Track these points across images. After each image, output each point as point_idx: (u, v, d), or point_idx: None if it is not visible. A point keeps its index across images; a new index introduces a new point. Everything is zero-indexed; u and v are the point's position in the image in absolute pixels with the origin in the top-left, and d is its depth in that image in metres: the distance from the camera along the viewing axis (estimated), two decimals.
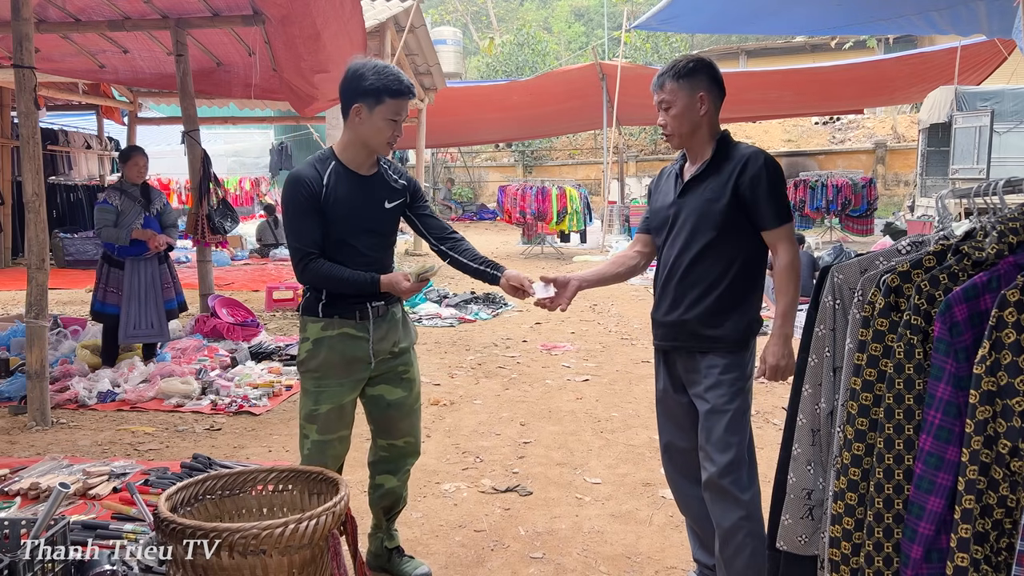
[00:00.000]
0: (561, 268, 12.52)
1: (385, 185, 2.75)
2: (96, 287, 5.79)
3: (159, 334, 5.89)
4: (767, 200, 2.47)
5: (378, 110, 2.58)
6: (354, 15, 6.62)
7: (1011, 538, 1.55)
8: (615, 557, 3.07)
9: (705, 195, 2.53)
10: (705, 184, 2.54)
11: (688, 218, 2.55)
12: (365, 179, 2.71)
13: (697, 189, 2.56)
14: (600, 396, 5.32)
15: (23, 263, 6.97)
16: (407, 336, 2.87)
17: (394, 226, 2.82)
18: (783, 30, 14.29)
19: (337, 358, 2.69)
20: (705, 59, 2.60)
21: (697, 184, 2.56)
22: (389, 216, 2.76)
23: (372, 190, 2.72)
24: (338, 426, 2.74)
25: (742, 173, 2.48)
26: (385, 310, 2.76)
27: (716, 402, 2.50)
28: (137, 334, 5.80)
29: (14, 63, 4.77)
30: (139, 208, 5.69)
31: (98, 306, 5.78)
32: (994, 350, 1.53)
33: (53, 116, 13.90)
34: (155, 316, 5.81)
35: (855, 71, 15.14)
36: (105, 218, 5.61)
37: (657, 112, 2.61)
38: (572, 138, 25.35)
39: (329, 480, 2.36)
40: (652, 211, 2.74)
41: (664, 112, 2.59)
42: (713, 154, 2.56)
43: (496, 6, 35.50)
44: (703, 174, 2.56)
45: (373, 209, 2.71)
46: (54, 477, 3.65)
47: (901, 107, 21.50)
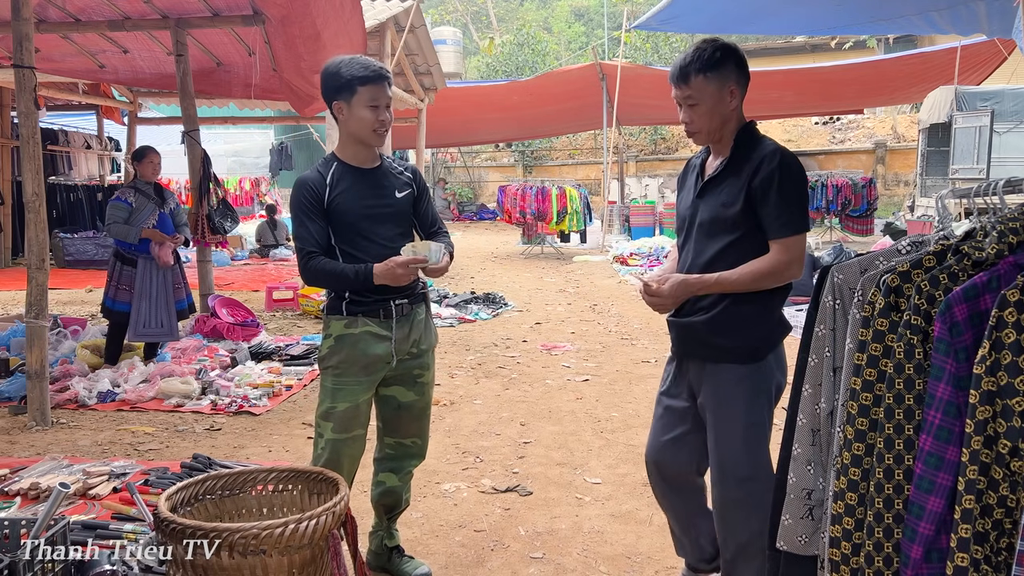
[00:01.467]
0: (561, 268, 12.53)
1: (392, 176, 2.81)
2: (108, 284, 5.81)
3: (169, 333, 5.91)
4: (776, 205, 2.25)
5: (355, 101, 2.63)
6: (354, 15, 6.62)
7: (1011, 538, 1.55)
8: (615, 557, 3.07)
9: (720, 198, 2.34)
10: (722, 186, 2.36)
11: (703, 222, 2.39)
12: (369, 172, 2.76)
13: (715, 190, 2.37)
14: (600, 396, 5.32)
15: (23, 263, 6.97)
16: (428, 337, 2.88)
17: (408, 215, 2.84)
18: (783, 30, 14.29)
19: (359, 356, 2.70)
20: (730, 44, 2.33)
21: (715, 185, 2.38)
22: (402, 205, 2.80)
23: (379, 181, 2.77)
24: (353, 425, 2.74)
25: (755, 174, 2.28)
26: (409, 309, 2.77)
27: (726, 415, 2.36)
28: (148, 332, 5.82)
29: (14, 63, 4.77)
30: (153, 206, 5.74)
31: (109, 303, 5.80)
32: (994, 350, 1.53)
33: (53, 116, 13.89)
34: (166, 315, 5.84)
35: (855, 71, 15.14)
36: (117, 214, 5.64)
37: (671, 108, 2.36)
38: (572, 138, 25.35)
39: (329, 480, 2.36)
40: (678, 210, 2.56)
41: (689, 108, 2.34)
42: (732, 151, 2.36)
43: (496, 6, 35.50)
44: (722, 174, 2.37)
45: (385, 198, 2.76)
46: (54, 477, 3.65)
47: (901, 107, 21.50)
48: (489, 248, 15.75)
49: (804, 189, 2.33)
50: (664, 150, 23.93)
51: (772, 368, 2.40)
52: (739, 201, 2.30)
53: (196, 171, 6.99)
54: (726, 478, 2.39)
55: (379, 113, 2.66)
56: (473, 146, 25.23)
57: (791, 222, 2.26)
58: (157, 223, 5.75)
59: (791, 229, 2.27)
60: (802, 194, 2.31)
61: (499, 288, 10.06)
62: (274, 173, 19.88)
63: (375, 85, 2.63)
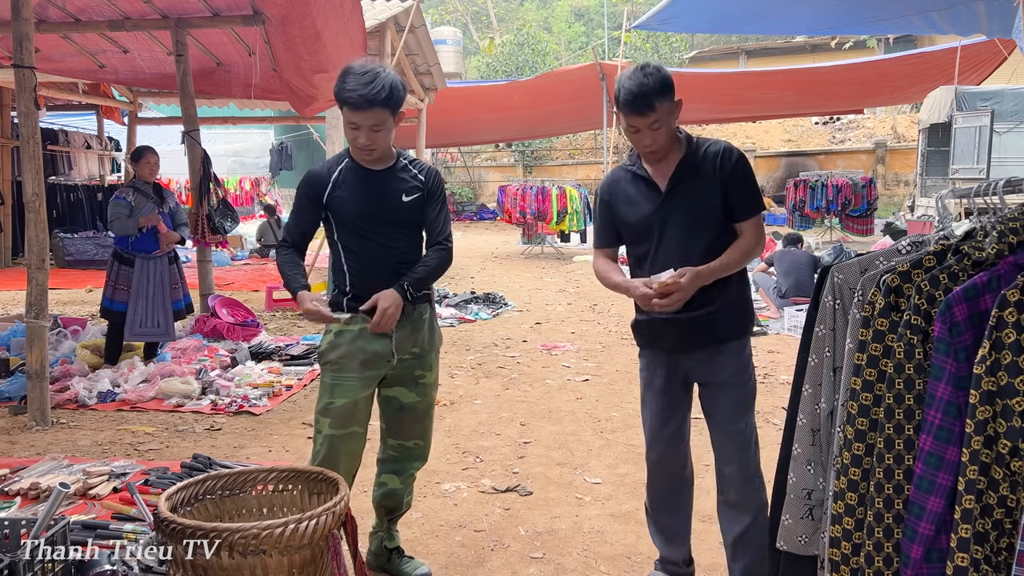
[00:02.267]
0: (561, 268, 12.53)
1: (401, 180, 2.79)
2: (106, 284, 5.82)
3: (165, 333, 5.91)
4: (747, 192, 2.54)
5: (343, 116, 2.65)
6: (354, 15, 6.62)
7: (1011, 538, 1.55)
8: (615, 557, 3.07)
9: (694, 197, 2.51)
10: (687, 187, 2.52)
11: (682, 223, 2.52)
12: (377, 173, 2.76)
13: (682, 193, 2.52)
14: (600, 396, 5.32)
15: (23, 263, 6.96)
16: (431, 339, 2.88)
17: (416, 219, 2.82)
18: (783, 30, 14.29)
19: (357, 351, 2.71)
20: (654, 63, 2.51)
21: (681, 188, 2.52)
22: (409, 209, 2.78)
23: (386, 183, 2.76)
24: (351, 421, 2.74)
25: (722, 168, 2.51)
26: (411, 309, 2.77)
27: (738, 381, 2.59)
28: (144, 332, 5.83)
29: (14, 63, 4.77)
30: (152, 204, 5.76)
31: (107, 303, 5.81)
32: (994, 350, 1.53)
33: (53, 116, 13.89)
34: (162, 315, 5.84)
35: (855, 71, 15.14)
36: (119, 211, 5.67)
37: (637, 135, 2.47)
38: (572, 138, 25.34)
39: (329, 480, 2.36)
40: (626, 223, 2.63)
41: (654, 132, 2.47)
42: (684, 155, 2.53)
43: (496, 6, 35.50)
44: (681, 176, 2.53)
45: (389, 200, 2.75)
46: (54, 477, 3.65)
47: (901, 107, 21.51)
48: (489, 248, 15.74)
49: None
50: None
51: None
52: (717, 195, 2.52)
53: (196, 171, 6.99)
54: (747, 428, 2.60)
55: (359, 135, 2.64)
56: (473, 146, 25.23)
57: (757, 203, 2.59)
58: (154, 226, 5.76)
59: (757, 208, 2.59)
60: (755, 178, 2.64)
61: (499, 288, 10.06)
62: (274, 173, 19.87)
63: (352, 110, 2.59)
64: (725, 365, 2.59)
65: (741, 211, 2.54)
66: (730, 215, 2.55)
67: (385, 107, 2.60)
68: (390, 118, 2.64)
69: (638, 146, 2.54)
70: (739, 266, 2.55)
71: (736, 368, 2.60)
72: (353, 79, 2.57)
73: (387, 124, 2.64)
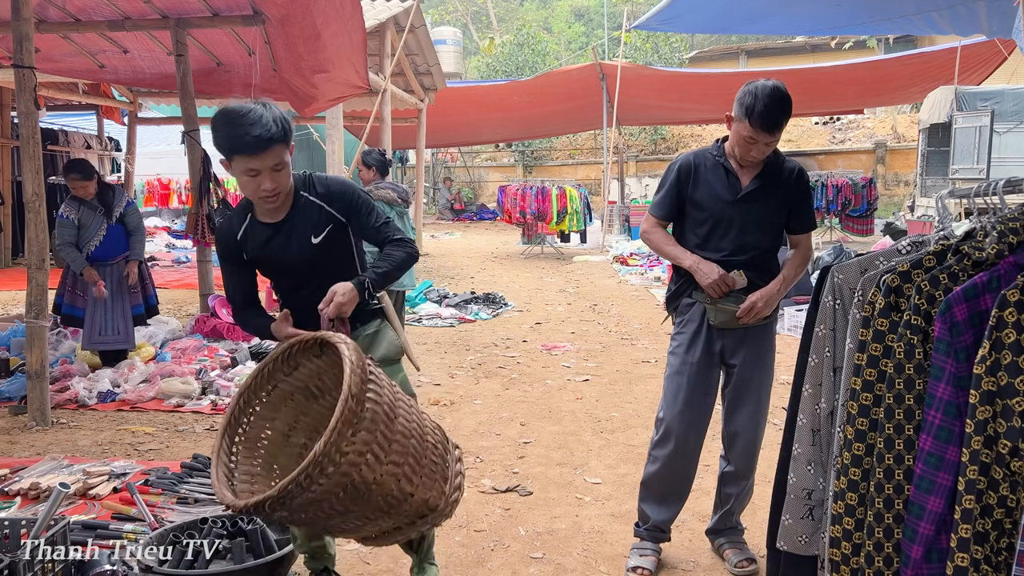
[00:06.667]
0: (561, 268, 12.53)
1: (304, 221, 2.55)
2: (61, 284, 5.68)
3: (125, 340, 5.79)
4: (808, 209, 2.91)
5: (234, 166, 2.37)
6: (354, 15, 6.62)
7: (1011, 538, 1.55)
8: (615, 557, 3.07)
9: (768, 206, 2.81)
10: (764, 195, 2.80)
11: (750, 220, 2.80)
12: (276, 226, 2.55)
13: (757, 199, 2.79)
14: (600, 396, 5.32)
15: (23, 263, 6.97)
16: (377, 350, 2.66)
17: (339, 250, 2.63)
18: (783, 30, 14.29)
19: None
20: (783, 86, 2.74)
21: (758, 194, 2.79)
22: (324, 247, 2.57)
23: (288, 234, 2.55)
24: None
25: (795, 188, 2.84)
26: (359, 325, 2.63)
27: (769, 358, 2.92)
28: (103, 340, 5.73)
29: (14, 63, 4.77)
30: (100, 218, 5.58)
31: (66, 309, 5.72)
32: (994, 350, 1.53)
33: (53, 116, 13.88)
34: (122, 322, 5.73)
35: (855, 71, 15.14)
36: (65, 234, 5.48)
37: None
38: (572, 138, 25.34)
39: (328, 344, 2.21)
40: (696, 204, 2.85)
41: (766, 147, 2.72)
42: (765, 168, 2.80)
43: (496, 6, 35.49)
44: (762, 185, 2.80)
45: (300, 250, 2.55)
46: (54, 477, 3.65)
47: (901, 107, 21.50)
48: (489, 248, 15.74)
49: None
50: (664, 150, 23.92)
51: None
52: (783, 209, 2.85)
53: (196, 171, 6.99)
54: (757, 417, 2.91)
55: (261, 181, 2.38)
56: (473, 146, 25.23)
57: (813, 220, 2.96)
58: (105, 236, 5.58)
59: (813, 225, 2.96)
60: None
61: (499, 288, 10.06)
62: None
63: (250, 155, 2.33)
64: (762, 343, 2.89)
65: (801, 225, 2.90)
66: (789, 226, 2.89)
67: (282, 142, 2.37)
68: (287, 152, 2.41)
69: (745, 154, 2.74)
70: (796, 281, 2.88)
71: (771, 347, 2.93)
72: (238, 123, 2.31)
73: (285, 159, 2.41)
